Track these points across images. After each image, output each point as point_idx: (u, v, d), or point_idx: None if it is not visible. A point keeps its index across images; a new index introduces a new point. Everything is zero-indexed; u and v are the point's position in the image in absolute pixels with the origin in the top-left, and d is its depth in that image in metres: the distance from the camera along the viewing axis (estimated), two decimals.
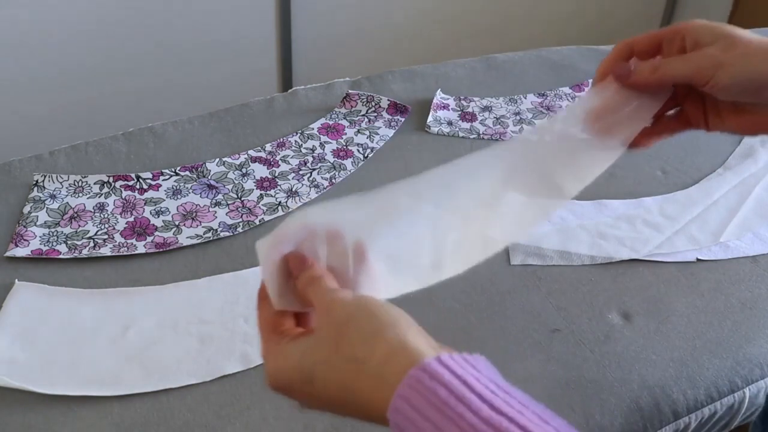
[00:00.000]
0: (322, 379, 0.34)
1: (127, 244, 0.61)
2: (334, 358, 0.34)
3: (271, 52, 1.72)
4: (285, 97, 0.81)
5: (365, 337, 0.34)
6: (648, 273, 0.62)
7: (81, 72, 1.52)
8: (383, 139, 0.76)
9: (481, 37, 1.98)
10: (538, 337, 0.56)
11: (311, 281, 0.37)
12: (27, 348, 0.51)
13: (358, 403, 0.34)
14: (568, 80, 0.90)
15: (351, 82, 0.85)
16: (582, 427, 0.50)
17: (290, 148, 0.74)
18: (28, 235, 0.60)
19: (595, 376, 0.53)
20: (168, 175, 0.68)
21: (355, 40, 1.83)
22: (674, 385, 0.53)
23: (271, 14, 1.67)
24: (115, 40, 1.52)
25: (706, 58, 0.45)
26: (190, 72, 1.64)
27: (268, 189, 0.68)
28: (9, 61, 1.43)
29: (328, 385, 0.34)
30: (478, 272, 0.60)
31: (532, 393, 0.52)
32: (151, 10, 1.52)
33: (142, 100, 1.62)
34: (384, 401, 0.32)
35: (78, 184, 0.66)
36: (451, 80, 0.88)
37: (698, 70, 0.45)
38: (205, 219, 0.64)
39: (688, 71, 0.45)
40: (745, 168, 0.76)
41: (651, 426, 0.52)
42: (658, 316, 0.58)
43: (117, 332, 0.53)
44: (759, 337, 0.58)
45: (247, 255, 0.61)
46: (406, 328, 0.35)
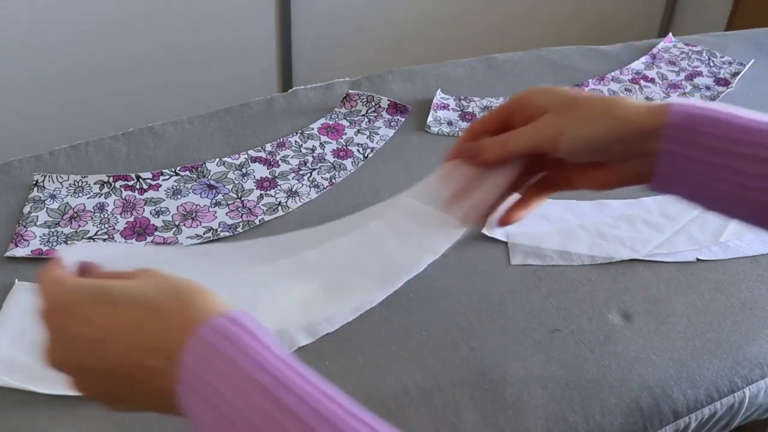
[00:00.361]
0: (127, 301, 0.34)
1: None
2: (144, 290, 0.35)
3: (271, 52, 1.73)
4: (285, 97, 0.81)
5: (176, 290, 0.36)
6: (648, 273, 0.62)
7: (81, 72, 1.52)
8: (383, 139, 0.76)
9: (481, 37, 1.98)
10: (538, 337, 0.56)
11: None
12: (27, 348, 0.51)
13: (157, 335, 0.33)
14: (568, 80, 0.90)
15: (351, 82, 0.85)
16: (582, 427, 0.50)
17: (290, 148, 0.74)
18: (28, 235, 0.60)
19: (595, 376, 0.53)
20: (168, 175, 0.68)
21: (355, 40, 1.83)
22: (674, 385, 0.53)
23: (271, 14, 1.67)
24: (115, 40, 1.52)
25: (548, 127, 0.48)
26: (190, 72, 1.64)
27: (268, 189, 0.68)
28: (9, 61, 1.43)
29: (135, 303, 0.34)
30: (478, 272, 0.61)
31: (532, 393, 0.52)
32: (151, 10, 1.52)
33: (142, 100, 1.62)
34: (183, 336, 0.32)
35: (78, 184, 0.66)
36: (451, 80, 0.88)
37: (543, 139, 0.48)
38: (205, 219, 0.64)
39: (534, 142, 0.48)
40: None
41: (651, 426, 0.52)
42: (658, 316, 0.58)
43: None
44: (759, 337, 0.58)
45: None
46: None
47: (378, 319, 0.56)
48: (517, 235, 0.64)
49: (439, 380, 0.52)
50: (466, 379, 0.52)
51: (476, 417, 0.49)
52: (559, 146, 0.47)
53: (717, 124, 0.44)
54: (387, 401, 0.50)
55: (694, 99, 0.48)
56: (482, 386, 0.51)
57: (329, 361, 0.52)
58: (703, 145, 0.44)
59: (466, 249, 0.63)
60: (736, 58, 0.97)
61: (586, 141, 0.47)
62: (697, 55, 0.97)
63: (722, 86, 0.91)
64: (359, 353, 0.53)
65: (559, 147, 0.47)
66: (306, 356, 0.53)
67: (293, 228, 0.64)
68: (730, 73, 0.93)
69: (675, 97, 0.47)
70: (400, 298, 0.58)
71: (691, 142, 0.45)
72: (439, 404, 0.50)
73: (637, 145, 0.46)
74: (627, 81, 0.91)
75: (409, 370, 0.52)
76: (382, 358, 0.53)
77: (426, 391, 0.51)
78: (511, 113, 0.50)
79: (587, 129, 0.47)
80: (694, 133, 0.45)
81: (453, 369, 0.52)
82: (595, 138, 0.47)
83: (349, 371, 0.52)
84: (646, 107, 0.46)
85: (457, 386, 0.51)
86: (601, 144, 0.47)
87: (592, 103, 0.47)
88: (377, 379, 0.51)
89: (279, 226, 0.64)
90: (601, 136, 0.46)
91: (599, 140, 0.47)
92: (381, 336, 0.55)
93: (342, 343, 0.54)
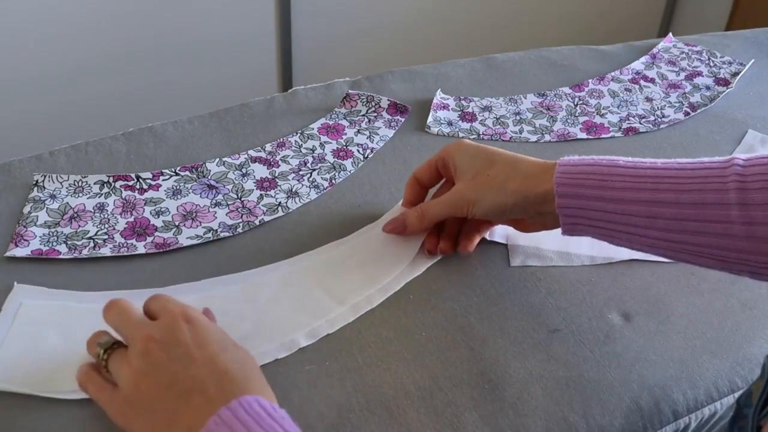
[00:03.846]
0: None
1: (127, 244, 0.61)
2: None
3: (271, 52, 1.73)
4: (285, 97, 0.81)
5: None
6: (648, 273, 0.62)
7: (81, 72, 1.52)
8: (383, 139, 0.76)
9: (481, 37, 1.98)
10: (538, 337, 0.56)
11: None
12: (27, 351, 0.51)
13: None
14: (568, 80, 0.90)
15: (351, 82, 0.85)
16: (582, 427, 0.50)
17: (290, 148, 0.74)
18: (28, 235, 0.60)
19: (595, 376, 0.53)
20: (168, 175, 0.68)
21: (355, 40, 1.83)
22: (674, 385, 0.53)
23: (271, 14, 1.67)
24: (115, 40, 1.52)
25: (458, 200, 0.56)
26: (190, 72, 1.65)
27: (268, 189, 0.68)
28: (9, 61, 1.43)
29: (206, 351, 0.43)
30: (478, 273, 0.61)
31: (532, 393, 0.52)
32: (151, 10, 1.52)
33: (142, 100, 1.62)
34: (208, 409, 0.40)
35: (78, 184, 0.66)
36: (451, 80, 0.88)
37: (455, 210, 0.57)
38: (205, 219, 0.64)
39: (448, 212, 0.58)
40: None
41: (651, 426, 0.52)
42: (658, 316, 0.58)
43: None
44: (759, 337, 0.58)
45: (246, 256, 0.61)
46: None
47: (378, 319, 0.56)
48: (516, 237, 0.64)
49: (439, 380, 0.52)
50: (466, 379, 0.52)
51: (476, 417, 0.49)
52: (472, 214, 0.56)
53: (599, 177, 0.51)
54: (387, 401, 0.50)
55: (576, 156, 0.54)
56: (482, 386, 0.51)
57: (329, 361, 0.52)
58: (591, 197, 0.51)
59: None
60: (736, 58, 0.97)
61: (493, 210, 0.55)
62: (697, 55, 0.97)
63: (722, 86, 0.91)
64: (359, 353, 0.53)
65: (471, 214, 0.56)
66: (306, 356, 0.53)
67: (293, 229, 0.64)
68: (730, 73, 0.93)
69: (566, 157, 0.54)
70: (399, 299, 0.58)
71: (579, 197, 0.51)
72: (439, 404, 0.50)
73: (539, 207, 0.53)
74: (627, 81, 0.91)
75: (409, 370, 0.52)
76: (382, 358, 0.53)
77: (426, 391, 0.51)
78: (440, 167, 0.60)
79: (492, 201, 0.54)
80: (580, 188, 0.51)
81: (453, 369, 0.52)
82: (500, 208, 0.54)
83: (349, 371, 0.52)
84: (542, 169, 0.53)
85: (457, 386, 0.51)
86: (506, 210, 0.54)
87: (496, 173, 0.54)
88: (377, 379, 0.51)
89: (279, 226, 0.64)
90: (505, 205, 0.54)
91: (504, 208, 0.54)
92: (381, 336, 0.55)
93: (342, 343, 0.54)
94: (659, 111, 0.85)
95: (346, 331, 0.55)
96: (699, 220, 0.47)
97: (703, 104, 0.87)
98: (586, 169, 0.51)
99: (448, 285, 0.60)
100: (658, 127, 0.82)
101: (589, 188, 0.50)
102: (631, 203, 0.49)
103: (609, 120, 0.83)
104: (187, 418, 0.40)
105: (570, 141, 0.79)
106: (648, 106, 0.86)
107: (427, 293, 0.59)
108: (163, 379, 0.42)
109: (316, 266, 0.60)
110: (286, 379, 0.50)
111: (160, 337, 0.43)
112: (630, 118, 0.84)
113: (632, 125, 0.82)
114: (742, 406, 0.51)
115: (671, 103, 0.87)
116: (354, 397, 0.50)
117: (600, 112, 0.85)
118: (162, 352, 0.43)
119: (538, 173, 0.53)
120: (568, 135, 0.80)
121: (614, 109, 0.85)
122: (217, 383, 0.41)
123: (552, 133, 0.80)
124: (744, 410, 0.50)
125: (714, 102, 0.87)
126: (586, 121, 0.83)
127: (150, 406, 0.42)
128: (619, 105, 0.86)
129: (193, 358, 0.42)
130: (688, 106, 0.87)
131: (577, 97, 0.87)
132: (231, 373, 0.42)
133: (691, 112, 0.85)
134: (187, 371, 0.42)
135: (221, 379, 0.42)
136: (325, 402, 0.49)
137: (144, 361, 0.43)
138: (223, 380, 0.42)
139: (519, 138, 0.79)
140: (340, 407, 0.49)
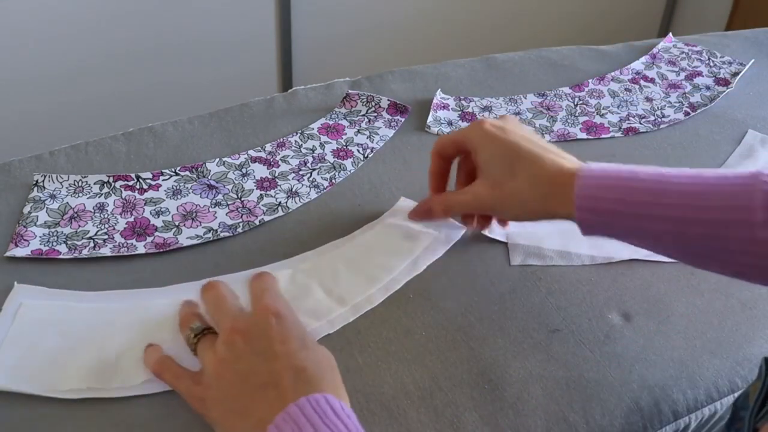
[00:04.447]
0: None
1: (127, 244, 0.61)
2: None
3: (271, 52, 1.73)
4: (285, 97, 0.81)
5: None
6: (648, 273, 0.62)
7: (81, 72, 1.52)
8: (383, 139, 0.76)
9: (481, 37, 1.98)
10: (538, 337, 0.56)
11: None
12: (27, 351, 0.51)
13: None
14: (568, 80, 0.90)
15: (351, 82, 0.85)
16: (582, 427, 0.50)
17: (290, 148, 0.74)
18: (28, 235, 0.60)
19: (595, 376, 0.53)
20: (168, 175, 0.68)
21: (355, 40, 1.83)
22: (674, 385, 0.53)
23: (271, 14, 1.67)
24: (115, 40, 1.52)
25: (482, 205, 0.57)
26: (190, 72, 1.65)
27: (268, 189, 0.68)
28: (9, 60, 1.43)
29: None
30: (478, 273, 0.61)
31: (532, 393, 0.52)
32: (151, 10, 1.52)
33: (142, 100, 1.62)
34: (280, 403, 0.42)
35: (78, 184, 0.66)
36: (451, 80, 0.88)
37: (478, 209, 0.59)
38: (205, 219, 0.64)
39: (471, 210, 0.60)
40: (745, 168, 0.76)
41: (651, 426, 0.52)
42: (658, 316, 0.58)
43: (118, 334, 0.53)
44: (759, 337, 0.58)
45: (246, 256, 0.61)
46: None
47: (378, 319, 0.56)
48: (516, 236, 0.64)
49: (439, 380, 0.52)
50: (466, 379, 0.52)
51: (476, 417, 0.49)
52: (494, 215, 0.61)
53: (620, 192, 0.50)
54: (387, 401, 0.50)
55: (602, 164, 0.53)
56: (482, 386, 0.51)
57: None
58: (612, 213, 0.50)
59: (466, 249, 0.63)
60: (736, 58, 0.97)
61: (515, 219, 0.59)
62: (697, 55, 0.97)
63: (722, 86, 0.91)
64: (359, 353, 0.53)
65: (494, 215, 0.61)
66: None
67: (293, 229, 0.64)
68: (730, 73, 0.93)
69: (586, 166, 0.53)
70: (400, 298, 0.58)
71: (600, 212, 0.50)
72: (439, 404, 0.50)
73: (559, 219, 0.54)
74: (627, 81, 0.91)
75: (409, 370, 0.52)
76: (382, 358, 0.53)
77: (426, 391, 0.51)
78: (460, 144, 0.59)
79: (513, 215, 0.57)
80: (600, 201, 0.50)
81: (453, 369, 0.52)
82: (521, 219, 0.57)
83: (349, 371, 0.52)
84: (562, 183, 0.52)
85: (457, 386, 0.51)
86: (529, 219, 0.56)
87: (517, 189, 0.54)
88: (377, 379, 0.51)
89: (279, 226, 0.64)
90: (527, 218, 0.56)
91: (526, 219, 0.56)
92: (381, 336, 0.55)
93: (342, 343, 0.54)
94: (659, 111, 0.85)
95: (346, 331, 0.55)
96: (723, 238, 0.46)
97: (703, 104, 0.87)
98: (606, 183, 0.50)
99: (448, 285, 0.60)
100: (658, 127, 0.82)
101: (610, 202, 0.50)
102: (654, 220, 0.49)
103: (609, 120, 0.83)
104: (260, 411, 0.42)
105: (570, 141, 0.79)
106: (648, 106, 0.86)
107: (427, 293, 0.59)
108: (244, 371, 0.44)
109: (317, 266, 0.60)
110: None
111: (246, 329, 0.45)
112: (630, 118, 0.84)
113: (632, 125, 0.82)
114: (738, 408, 0.51)
115: (671, 103, 0.87)
116: (354, 397, 0.50)
117: (600, 112, 0.85)
118: (246, 345, 0.44)
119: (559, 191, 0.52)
120: (568, 135, 0.80)
121: (614, 109, 0.85)
122: (292, 379, 0.43)
123: (552, 133, 0.80)
124: (741, 412, 0.50)
125: (714, 102, 0.87)
126: (586, 121, 0.83)
127: (228, 395, 0.43)
128: (619, 105, 0.86)
129: (275, 353, 0.44)
130: (688, 106, 0.87)
131: (577, 97, 0.87)
132: (307, 371, 0.43)
133: (691, 112, 0.85)
134: (267, 365, 0.43)
135: (297, 375, 0.43)
136: None
137: (229, 351, 0.45)
138: (298, 377, 0.43)
139: None
140: None
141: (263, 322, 0.46)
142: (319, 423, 0.40)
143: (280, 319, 0.46)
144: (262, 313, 0.46)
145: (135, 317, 0.54)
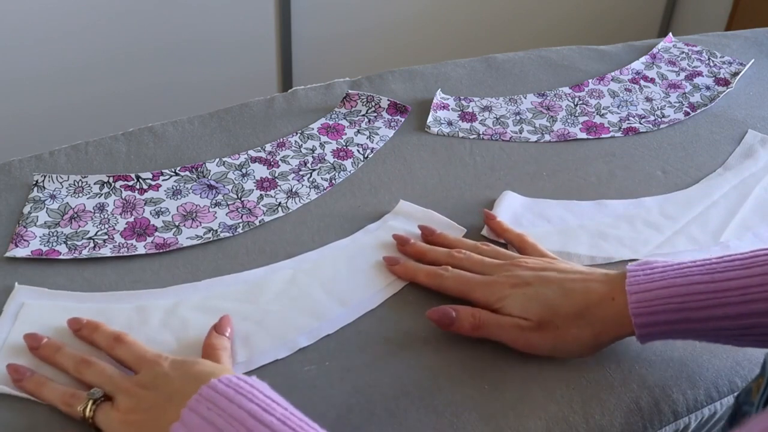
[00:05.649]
0: None
1: (127, 244, 0.61)
2: None
3: (271, 52, 1.72)
4: (285, 97, 0.81)
5: None
6: None
7: (81, 71, 1.52)
8: (383, 139, 0.76)
9: (481, 37, 1.98)
10: None
11: None
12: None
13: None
14: (568, 80, 0.90)
15: (351, 82, 0.85)
16: (582, 427, 0.50)
17: (290, 149, 0.74)
18: (28, 236, 0.60)
19: (595, 376, 0.53)
20: (168, 175, 0.68)
21: (355, 40, 1.83)
22: (674, 385, 0.53)
23: (271, 14, 1.67)
24: (115, 40, 1.52)
25: (526, 344, 0.52)
26: (190, 72, 1.64)
27: (268, 189, 0.68)
28: (9, 60, 1.43)
29: None
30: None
31: (532, 393, 0.52)
32: (151, 9, 1.52)
33: (142, 100, 1.62)
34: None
35: (78, 184, 0.66)
36: (451, 80, 0.88)
37: (511, 342, 0.53)
38: (205, 219, 0.64)
39: (503, 340, 0.53)
40: (745, 168, 0.76)
41: (651, 426, 0.52)
42: None
43: None
44: None
45: (246, 256, 0.61)
46: None
47: (378, 319, 0.56)
48: None
49: (439, 380, 0.52)
50: (466, 379, 0.52)
51: (476, 417, 0.49)
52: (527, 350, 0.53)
53: (679, 300, 0.48)
54: (387, 401, 0.50)
55: (645, 263, 0.52)
56: (482, 386, 0.51)
57: (329, 361, 0.52)
58: (673, 321, 0.49)
59: None
60: (736, 58, 0.97)
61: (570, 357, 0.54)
62: (697, 55, 0.97)
63: (722, 86, 0.91)
64: (359, 353, 0.53)
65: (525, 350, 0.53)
66: (306, 357, 0.53)
67: (293, 228, 0.64)
68: (730, 73, 0.93)
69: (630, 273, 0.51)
70: (400, 299, 0.58)
71: (661, 324, 0.49)
72: (439, 404, 0.50)
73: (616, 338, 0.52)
74: (627, 81, 0.91)
75: (409, 370, 0.52)
76: (382, 358, 0.53)
77: (426, 391, 0.51)
78: None
79: (570, 354, 0.53)
80: (660, 314, 0.49)
81: (453, 369, 0.52)
82: (577, 355, 0.53)
83: (349, 371, 0.52)
84: (612, 309, 0.50)
85: (457, 386, 0.51)
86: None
87: (564, 327, 0.51)
88: (377, 379, 0.51)
89: (279, 226, 0.64)
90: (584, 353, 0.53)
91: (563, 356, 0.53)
92: (381, 336, 0.55)
93: (342, 343, 0.54)
94: (659, 111, 0.85)
95: (346, 331, 0.55)
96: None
97: (703, 104, 0.87)
98: (662, 293, 0.49)
99: None
100: (658, 127, 0.82)
101: (670, 313, 0.48)
102: (719, 320, 0.48)
103: (609, 120, 0.83)
104: (171, 415, 0.42)
105: (570, 141, 0.79)
106: (648, 106, 0.86)
107: (427, 293, 0.59)
108: (149, 402, 0.45)
109: (317, 267, 0.60)
110: (286, 379, 0.50)
111: (146, 382, 0.46)
112: (630, 118, 0.84)
113: (632, 125, 0.82)
114: (741, 403, 0.51)
115: (671, 103, 0.87)
116: (354, 397, 0.50)
117: (600, 112, 0.85)
118: (143, 388, 0.46)
119: (611, 316, 0.50)
120: (568, 135, 0.80)
121: (614, 109, 0.85)
122: (191, 377, 0.44)
123: (552, 133, 0.80)
124: (743, 407, 0.50)
125: (714, 102, 0.87)
126: (586, 121, 0.83)
127: (142, 427, 0.44)
128: (619, 105, 0.86)
129: (166, 374, 0.46)
130: (688, 106, 0.87)
131: (577, 97, 0.87)
132: (199, 365, 0.46)
133: (691, 112, 0.85)
134: (165, 387, 0.45)
135: (193, 376, 0.45)
136: (325, 402, 0.49)
137: (131, 400, 0.45)
138: (193, 375, 0.45)
139: (519, 138, 0.79)
140: (340, 407, 0.49)
141: (148, 367, 0.47)
142: (233, 394, 0.41)
143: (159, 357, 0.47)
144: (141, 363, 0.48)
145: (135, 318, 0.54)
